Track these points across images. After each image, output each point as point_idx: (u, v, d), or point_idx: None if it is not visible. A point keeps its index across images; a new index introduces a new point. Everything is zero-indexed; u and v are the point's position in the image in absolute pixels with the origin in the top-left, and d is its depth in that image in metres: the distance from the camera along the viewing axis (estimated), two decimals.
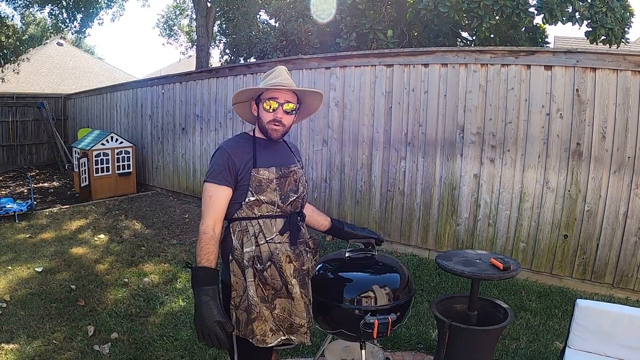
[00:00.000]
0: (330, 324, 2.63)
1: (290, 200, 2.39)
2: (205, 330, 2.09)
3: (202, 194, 2.34)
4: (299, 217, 2.45)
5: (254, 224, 2.32)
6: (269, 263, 2.27)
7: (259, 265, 2.27)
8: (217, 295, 2.16)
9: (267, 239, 2.31)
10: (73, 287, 5.02)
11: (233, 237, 2.34)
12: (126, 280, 5.24)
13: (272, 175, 2.35)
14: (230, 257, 2.33)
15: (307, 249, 2.45)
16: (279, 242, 2.33)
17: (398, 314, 2.48)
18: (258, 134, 2.46)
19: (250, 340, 2.30)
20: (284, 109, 2.36)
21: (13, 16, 17.53)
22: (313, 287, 2.54)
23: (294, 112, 2.42)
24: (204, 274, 2.17)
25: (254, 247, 2.29)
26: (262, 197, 2.31)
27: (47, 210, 8.41)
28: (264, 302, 2.30)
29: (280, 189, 2.36)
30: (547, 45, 10.55)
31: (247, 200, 2.31)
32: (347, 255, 2.74)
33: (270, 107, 2.34)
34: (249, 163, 2.34)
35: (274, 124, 2.37)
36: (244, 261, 2.28)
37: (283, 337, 2.35)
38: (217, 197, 2.30)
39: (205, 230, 2.26)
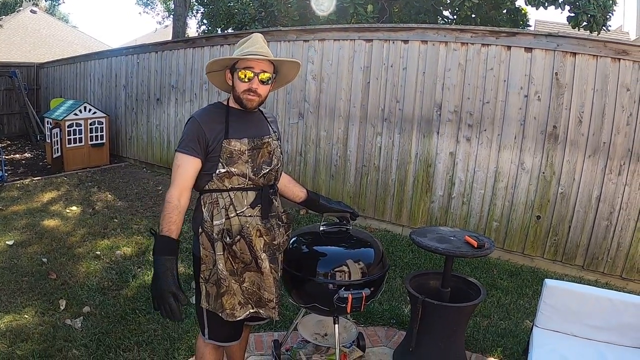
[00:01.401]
0: (303, 298, 2.63)
1: (263, 172, 2.33)
2: (159, 300, 2.02)
3: (173, 162, 2.28)
4: (271, 190, 2.40)
5: (225, 196, 2.28)
6: (238, 237, 2.24)
7: (228, 239, 2.23)
8: (174, 266, 2.10)
9: (238, 212, 2.28)
10: (44, 260, 4.93)
11: (203, 209, 2.30)
12: (98, 253, 5.16)
13: (243, 147, 2.29)
14: (200, 229, 2.29)
15: (280, 222, 2.42)
16: (250, 216, 2.30)
17: (372, 289, 2.49)
18: (232, 104, 2.38)
19: (220, 314, 2.28)
20: (259, 78, 2.27)
21: None
22: (287, 260, 2.52)
23: (269, 81, 2.33)
24: (163, 243, 2.11)
25: (223, 220, 2.26)
26: (232, 169, 2.26)
27: (18, 182, 8.23)
28: (232, 276, 2.28)
29: (252, 161, 2.30)
30: (529, 28, 10.57)
31: (217, 172, 2.25)
32: (321, 229, 2.73)
33: (245, 77, 2.26)
34: (220, 134, 2.27)
35: (249, 94, 2.29)
36: (214, 234, 2.25)
37: (252, 310, 2.34)
38: (185, 167, 2.23)
39: (169, 199, 2.18)
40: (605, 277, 5.01)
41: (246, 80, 2.27)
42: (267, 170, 2.35)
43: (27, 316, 3.84)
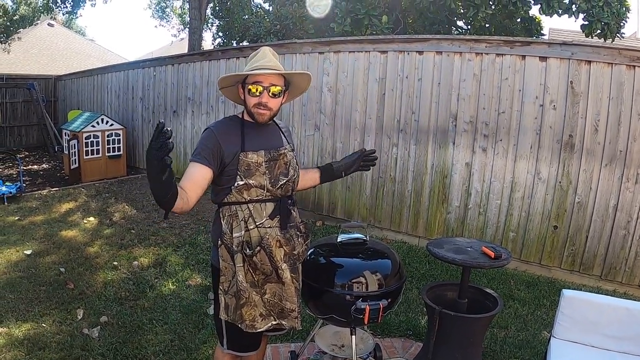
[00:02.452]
0: (321, 309, 2.63)
1: (281, 184, 2.35)
2: (150, 155, 1.87)
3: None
4: (289, 201, 2.42)
5: (244, 208, 2.29)
6: (258, 248, 2.25)
7: (248, 250, 2.24)
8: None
9: (257, 224, 2.29)
10: (62, 270, 4.99)
11: (223, 222, 2.31)
12: (116, 263, 5.21)
13: (260, 159, 2.30)
14: (219, 241, 2.31)
15: (298, 233, 2.42)
16: (269, 227, 2.31)
17: (389, 300, 2.49)
18: (247, 117, 2.41)
19: (240, 325, 2.29)
20: (270, 92, 2.28)
21: None
22: (304, 272, 2.53)
23: (280, 94, 2.34)
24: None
25: (243, 232, 2.27)
26: (250, 181, 2.27)
27: (36, 192, 8.34)
28: (253, 287, 2.29)
29: (269, 172, 2.32)
30: (543, 37, 10.55)
31: (236, 184, 2.27)
32: (338, 240, 2.73)
33: (255, 91, 2.27)
34: (236, 147, 2.29)
35: (260, 108, 2.30)
36: (233, 246, 2.26)
37: (274, 322, 2.34)
38: (193, 172, 2.21)
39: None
40: (623, 286, 4.95)
41: (256, 94, 2.28)
42: (284, 181, 2.37)
43: (44, 325, 3.88)
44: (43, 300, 4.31)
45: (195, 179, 2.20)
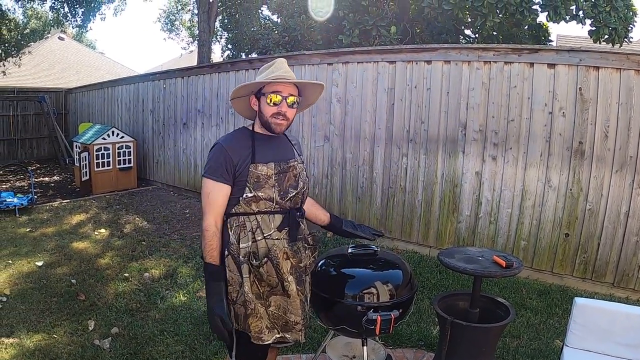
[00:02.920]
0: (332, 320, 2.63)
1: (290, 196, 2.36)
2: (211, 321, 2.20)
3: (202, 189, 2.33)
4: (298, 213, 2.42)
5: (252, 219, 2.30)
6: (265, 259, 2.26)
7: (254, 261, 2.25)
8: (221, 291, 2.23)
9: (265, 235, 2.29)
10: (73, 281, 5.01)
11: (230, 232, 2.32)
12: (127, 274, 5.23)
13: (270, 171, 2.31)
14: (226, 251, 2.31)
15: (306, 245, 2.43)
16: (277, 239, 2.31)
17: (400, 310, 2.48)
18: (258, 129, 2.41)
19: (248, 334, 2.30)
20: (287, 102, 2.31)
21: (15, 10, 17.50)
22: (316, 283, 2.53)
23: (295, 104, 2.37)
24: (212, 270, 2.25)
25: (250, 243, 2.28)
26: (260, 194, 2.28)
27: (47, 204, 8.41)
28: (259, 299, 2.29)
29: (279, 184, 2.33)
30: (550, 43, 10.52)
31: (245, 196, 2.28)
32: (349, 251, 2.73)
33: (274, 100, 2.29)
34: (247, 159, 2.30)
35: (278, 118, 2.31)
36: (240, 257, 2.27)
37: (278, 335, 2.34)
38: (216, 194, 2.29)
39: (207, 228, 2.27)
40: (636, 294, 4.90)
41: (276, 103, 2.30)
42: (294, 193, 2.38)
43: (56, 336, 3.90)
44: (54, 312, 4.34)
45: (222, 202, 2.32)
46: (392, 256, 2.89)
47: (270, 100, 2.30)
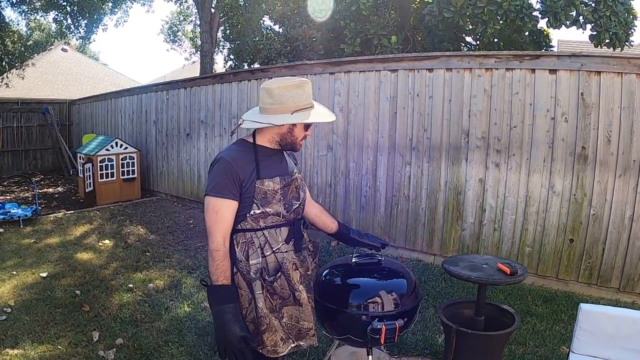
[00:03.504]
0: (336, 329, 2.62)
1: (294, 207, 2.36)
2: (230, 348, 2.06)
3: (206, 208, 2.23)
4: (301, 223, 2.43)
5: (259, 235, 2.27)
6: (279, 274, 2.25)
7: (267, 277, 2.23)
8: (238, 312, 2.13)
9: (274, 249, 2.28)
10: (78, 292, 5.01)
11: (237, 249, 2.27)
12: (131, 285, 5.23)
13: (276, 186, 2.28)
14: (234, 269, 2.27)
15: (309, 252, 2.44)
16: (285, 251, 2.31)
17: (405, 319, 2.47)
18: (263, 142, 2.33)
19: (260, 351, 2.27)
20: None
21: (18, 22, 17.62)
22: (320, 292, 2.53)
23: None
24: (222, 292, 2.13)
25: (260, 259, 2.26)
26: (268, 209, 2.25)
27: (51, 215, 8.43)
28: (272, 312, 2.28)
29: (284, 198, 2.31)
30: (551, 48, 10.55)
31: (252, 212, 2.24)
32: (354, 260, 2.73)
33: (308, 127, 2.36)
34: (252, 174, 2.24)
35: (304, 140, 2.39)
36: (251, 273, 2.24)
37: (292, 345, 2.33)
38: (224, 211, 2.20)
39: (217, 248, 2.17)
40: None
41: (307, 128, 2.36)
42: (297, 205, 2.38)
43: (60, 347, 3.90)
44: (59, 323, 4.34)
45: (230, 219, 2.23)
46: (396, 265, 2.88)
47: (304, 128, 2.34)
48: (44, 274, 5.48)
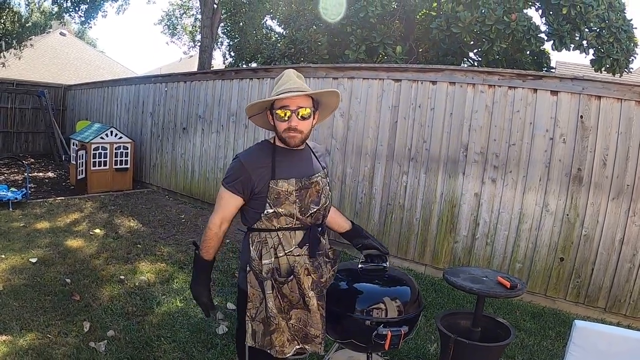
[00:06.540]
0: (340, 333, 2.64)
1: (311, 212, 2.33)
2: (197, 302, 2.51)
3: (218, 192, 2.39)
4: (319, 230, 2.39)
5: (273, 236, 2.28)
6: (291, 277, 2.25)
7: (279, 277, 2.25)
8: (208, 283, 2.47)
9: (286, 252, 2.29)
10: (68, 280, 4.97)
11: (251, 248, 2.31)
12: (122, 277, 5.20)
13: (291, 187, 2.27)
14: (247, 267, 2.31)
15: (327, 259, 2.42)
16: (298, 255, 2.30)
17: (407, 327, 2.50)
18: (279, 142, 2.36)
19: (269, 351, 2.28)
20: (298, 115, 2.24)
21: (19, 3, 17.47)
22: (326, 295, 2.54)
23: (310, 116, 2.30)
24: (202, 264, 2.43)
25: (272, 260, 2.27)
26: (280, 210, 2.26)
27: (42, 200, 8.37)
28: (280, 313, 2.28)
29: (300, 201, 2.29)
30: (552, 69, 10.66)
31: (265, 212, 2.26)
32: (359, 266, 2.75)
33: (284, 116, 2.24)
34: (267, 175, 2.26)
35: (290, 132, 2.26)
36: (263, 273, 2.25)
37: (297, 347, 2.34)
38: (228, 202, 2.33)
39: (211, 226, 2.36)
40: (627, 319, 4.97)
41: (285, 119, 2.25)
42: (315, 209, 2.35)
43: (50, 336, 3.85)
44: (48, 310, 4.29)
45: (232, 209, 2.37)
46: (399, 273, 2.92)
47: (279, 117, 2.26)
48: (34, 260, 5.43)
